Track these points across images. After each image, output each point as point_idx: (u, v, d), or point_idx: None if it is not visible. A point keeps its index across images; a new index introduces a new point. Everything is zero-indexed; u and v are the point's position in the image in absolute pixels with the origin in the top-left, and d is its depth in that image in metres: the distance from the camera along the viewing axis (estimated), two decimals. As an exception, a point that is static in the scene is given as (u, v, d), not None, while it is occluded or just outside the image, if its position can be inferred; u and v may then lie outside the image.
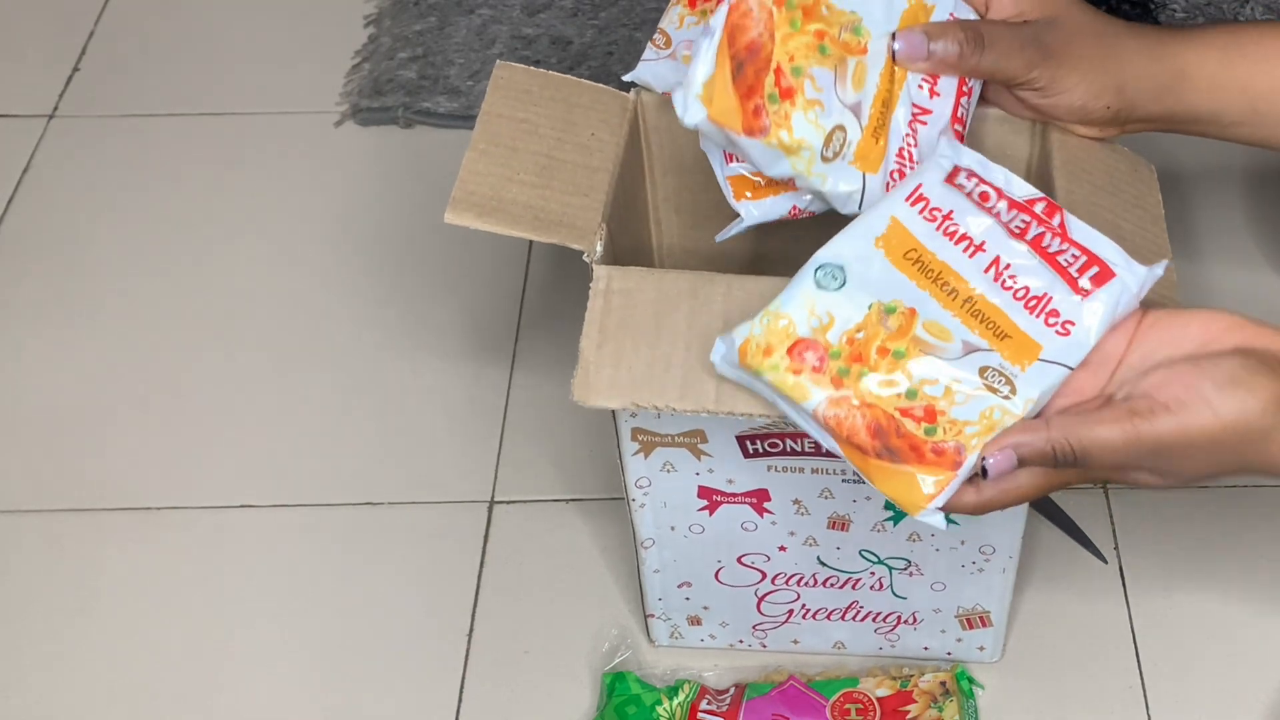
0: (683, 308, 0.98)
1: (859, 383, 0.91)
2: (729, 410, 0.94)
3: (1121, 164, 1.08)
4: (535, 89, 1.07)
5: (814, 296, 0.93)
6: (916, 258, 0.93)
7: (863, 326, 0.92)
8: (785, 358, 0.92)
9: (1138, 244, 1.00)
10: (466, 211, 0.99)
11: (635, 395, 0.95)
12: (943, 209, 0.94)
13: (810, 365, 0.91)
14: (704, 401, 0.95)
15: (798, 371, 0.91)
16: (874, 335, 0.91)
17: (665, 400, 0.94)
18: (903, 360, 0.91)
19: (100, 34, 1.86)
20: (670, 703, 1.20)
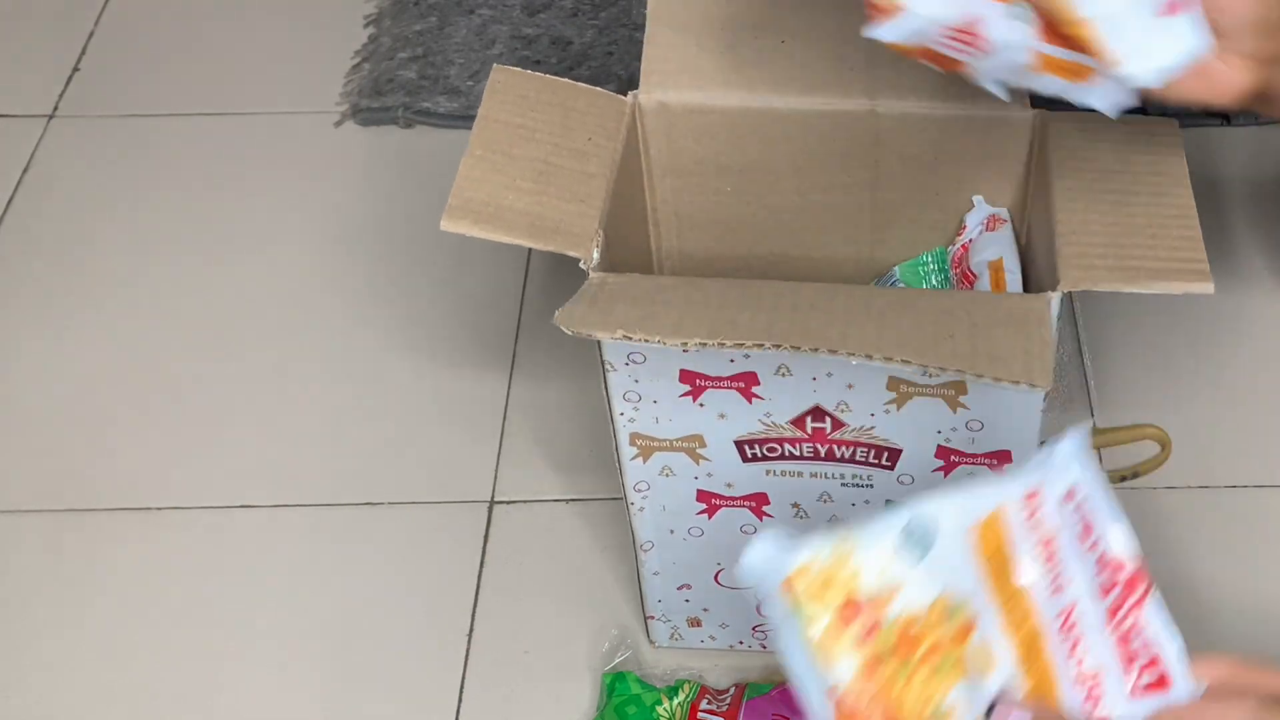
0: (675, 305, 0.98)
1: (894, 680, 0.78)
2: (720, 341, 0.92)
3: (1134, 133, 1.05)
4: (532, 93, 1.07)
5: (891, 555, 0.79)
6: (1002, 562, 0.82)
7: (923, 617, 0.79)
8: (835, 610, 0.78)
9: (1151, 215, 1.00)
10: (463, 219, 0.99)
11: (625, 329, 0.93)
12: (1049, 525, 0.84)
13: (855, 634, 0.78)
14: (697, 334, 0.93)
15: (838, 633, 0.78)
16: (929, 632, 0.79)
17: (657, 334, 0.93)
18: (942, 677, 0.79)
19: (100, 34, 1.86)
20: (670, 703, 1.21)
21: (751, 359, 0.98)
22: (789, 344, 0.90)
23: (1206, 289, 0.94)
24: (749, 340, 0.91)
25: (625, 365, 1.01)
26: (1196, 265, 0.96)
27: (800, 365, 0.98)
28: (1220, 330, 1.46)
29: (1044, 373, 0.89)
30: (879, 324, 0.92)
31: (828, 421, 1.02)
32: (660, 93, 1.10)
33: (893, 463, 1.05)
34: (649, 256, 1.20)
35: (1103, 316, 1.47)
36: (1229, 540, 1.31)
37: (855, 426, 1.02)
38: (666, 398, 1.03)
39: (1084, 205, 0.99)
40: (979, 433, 1.01)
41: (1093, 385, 1.42)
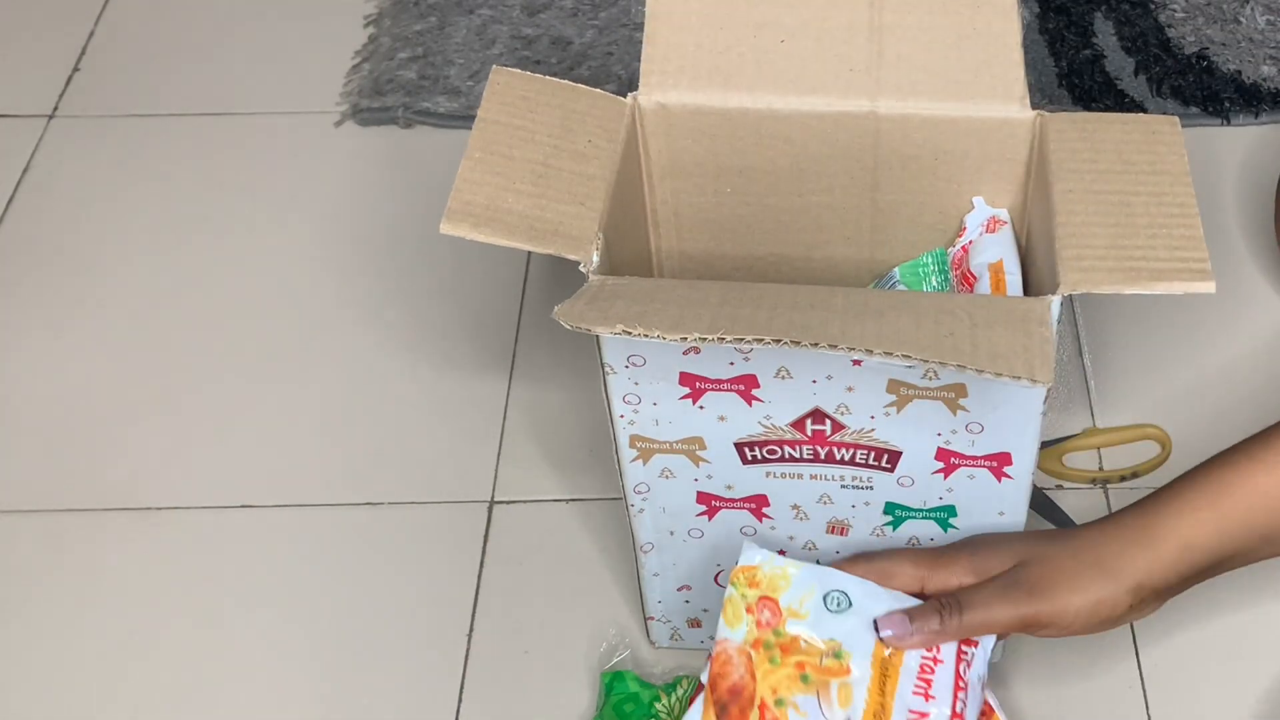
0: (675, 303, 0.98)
1: (765, 660, 1.03)
2: (719, 336, 0.91)
3: (1135, 132, 1.05)
4: (532, 95, 1.07)
5: (817, 597, 1.05)
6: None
7: (814, 643, 1.03)
8: (756, 598, 1.04)
9: (1153, 215, 0.99)
10: (462, 222, 0.99)
11: (624, 323, 0.93)
12: None
13: (758, 619, 1.04)
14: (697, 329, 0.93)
15: (750, 610, 1.04)
16: (812, 654, 1.03)
17: (657, 329, 0.92)
18: (803, 684, 1.02)
19: (100, 34, 1.86)
20: (669, 699, 1.21)
21: (751, 361, 0.98)
22: (789, 339, 0.90)
23: (1208, 288, 0.94)
24: (749, 335, 0.90)
25: (625, 368, 1.00)
26: (1198, 264, 0.95)
27: (800, 367, 0.98)
28: (1220, 330, 1.46)
29: (1045, 368, 0.89)
30: (879, 322, 0.92)
31: (828, 424, 1.02)
32: (660, 94, 1.10)
33: (893, 465, 1.05)
34: (649, 257, 1.19)
35: (1103, 317, 1.47)
36: (1229, 540, 1.31)
37: (855, 429, 1.02)
38: (666, 400, 1.02)
39: (1084, 206, 0.99)
40: (979, 435, 1.01)
41: (1093, 385, 1.42)
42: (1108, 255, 0.96)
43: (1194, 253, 0.96)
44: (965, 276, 1.15)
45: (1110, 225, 0.98)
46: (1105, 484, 1.35)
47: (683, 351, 0.99)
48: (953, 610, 1.03)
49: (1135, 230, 0.97)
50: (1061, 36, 1.72)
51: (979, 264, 1.13)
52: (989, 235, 1.14)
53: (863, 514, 1.10)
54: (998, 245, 1.13)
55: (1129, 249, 0.96)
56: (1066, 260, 0.96)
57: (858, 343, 0.89)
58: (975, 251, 1.14)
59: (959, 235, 1.16)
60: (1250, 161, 1.59)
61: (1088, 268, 0.96)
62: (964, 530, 1.10)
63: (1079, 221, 0.98)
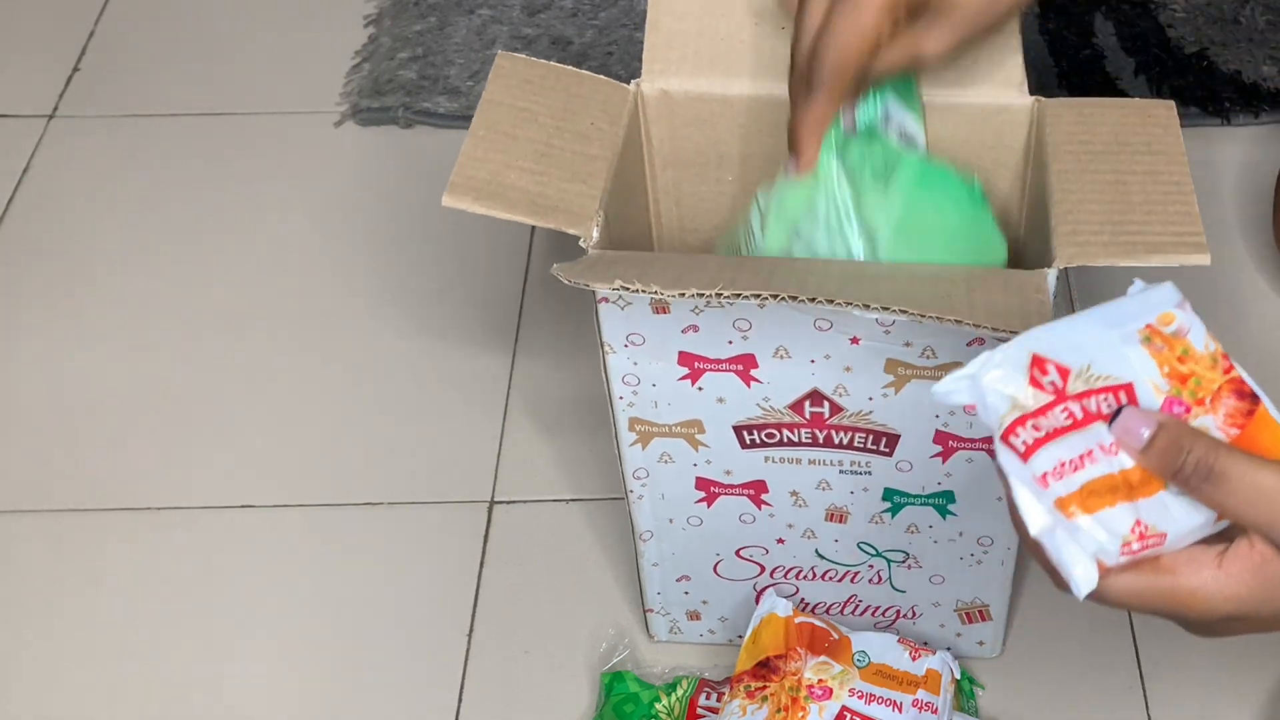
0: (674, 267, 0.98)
1: None
2: (717, 291, 0.91)
3: (1130, 115, 1.05)
4: (536, 79, 1.07)
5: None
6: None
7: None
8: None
9: (1149, 193, 0.99)
10: (465, 195, 0.99)
11: (623, 280, 0.93)
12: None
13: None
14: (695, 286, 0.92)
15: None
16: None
17: (655, 285, 0.92)
18: None
19: (100, 34, 1.86)
20: (669, 699, 1.20)
21: (750, 340, 0.98)
22: (787, 293, 0.90)
23: (1203, 260, 0.94)
24: (747, 290, 0.90)
25: (624, 347, 1.01)
26: (1193, 238, 0.96)
27: (798, 346, 0.99)
28: (1217, 329, 1.45)
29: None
30: (875, 285, 0.92)
31: (826, 405, 1.02)
32: (662, 81, 1.10)
33: (891, 448, 1.05)
34: (650, 244, 1.20)
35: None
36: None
37: (853, 411, 1.02)
38: (665, 381, 1.03)
39: (1080, 186, 0.99)
40: (977, 417, 1.01)
41: (1093, 383, 1.42)
42: (1103, 230, 0.96)
43: (1189, 227, 0.96)
44: None
45: (1106, 202, 0.98)
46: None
47: (681, 330, 0.99)
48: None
49: (1131, 207, 0.97)
50: (1061, 36, 1.72)
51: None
52: None
53: (861, 500, 1.10)
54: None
55: (1124, 224, 0.97)
56: (1062, 235, 0.96)
57: (855, 298, 0.89)
58: None
59: None
60: (1250, 161, 1.59)
61: (1083, 242, 0.96)
62: (963, 517, 1.10)
63: (1075, 199, 0.99)
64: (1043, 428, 0.81)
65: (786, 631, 1.14)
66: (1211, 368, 0.83)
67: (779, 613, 1.15)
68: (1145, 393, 0.82)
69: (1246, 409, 0.82)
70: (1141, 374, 0.82)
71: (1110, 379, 0.82)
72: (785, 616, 1.15)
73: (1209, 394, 0.82)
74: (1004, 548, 1.13)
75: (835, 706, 1.10)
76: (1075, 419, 0.81)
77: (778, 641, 1.14)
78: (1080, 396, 0.81)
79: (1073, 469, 0.81)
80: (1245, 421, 0.82)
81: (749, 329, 0.98)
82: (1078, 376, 0.81)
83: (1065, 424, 0.81)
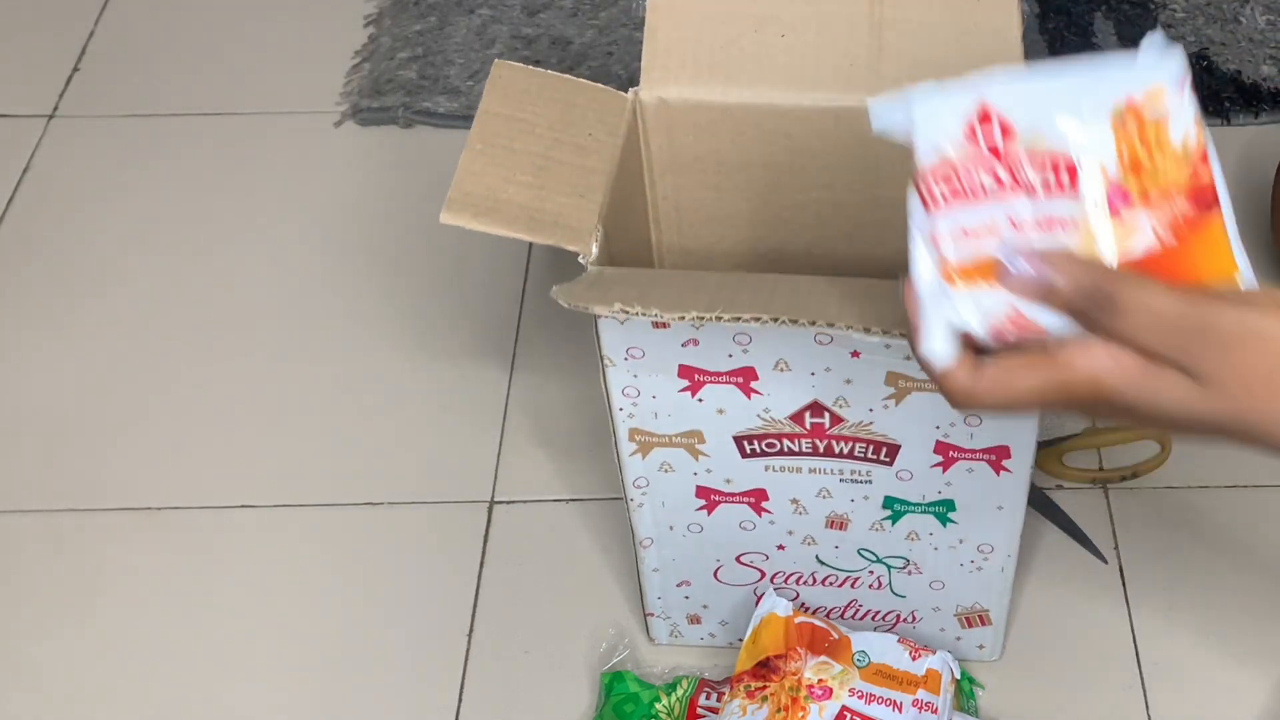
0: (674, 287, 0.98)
1: None
2: (718, 314, 0.91)
3: None
4: (533, 88, 1.07)
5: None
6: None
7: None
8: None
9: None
10: (462, 212, 0.99)
11: (623, 303, 0.93)
12: None
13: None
14: (695, 308, 0.92)
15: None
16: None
17: (655, 308, 0.92)
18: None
19: (100, 34, 1.86)
20: (669, 699, 1.21)
21: (750, 353, 0.98)
22: (786, 317, 0.90)
23: None
24: (747, 314, 0.90)
25: (624, 359, 1.01)
26: None
27: (798, 359, 0.98)
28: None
29: None
30: (877, 305, 0.92)
31: (826, 417, 1.02)
32: (661, 89, 1.10)
33: (891, 458, 1.05)
34: (649, 252, 1.19)
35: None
36: (1229, 540, 1.31)
37: (854, 422, 1.02)
38: (665, 393, 1.03)
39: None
40: (978, 428, 1.01)
41: (1093, 385, 1.42)
42: None
43: None
44: None
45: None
46: (1105, 484, 1.35)
47: (681, 343, 0.99)
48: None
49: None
50: (1061, 36, 1.72)
51: None
52: None
53: (861, 508, 1.10)
54: None
55: None
56: None
57: (856, 321, 0.89)
58: None
59: None
60: (1249, 161, 1.59)
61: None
62: (963, 525, 1.10)
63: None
64: (961, 185, 0.77)
65: (786, 631, 1.15)
66: (1179, 164, 0.77)
67: (779, 613, 1.15)
68: (1089, 174, 0.77)
69: (1195, 219, 0.77)
70: (1093, 152, 0.77)
71: (1055, 152, 0.77)
72: (785, 616, 1.15)
73: (1161, 191, 0.77)
74: (1004, 554, 1.13)
75: (835, 706, 1.10)
76: (999, 184, 0.77)
77: (778, 641, 1.14)
78: (1014, 162, 0.77)
79: (973, 237, 0.77)
80: (1188, 233, 0.77)
81: (749, 343, 0.98)
82: (1021, 139, 0.77)
83: (985, 187, 0.77)
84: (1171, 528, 1.32)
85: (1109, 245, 0.77)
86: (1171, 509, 1.33)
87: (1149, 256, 0.77)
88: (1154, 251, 0.77)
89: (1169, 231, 0.77)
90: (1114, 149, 0.77)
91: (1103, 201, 0.77)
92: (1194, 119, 0.77)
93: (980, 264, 0.77)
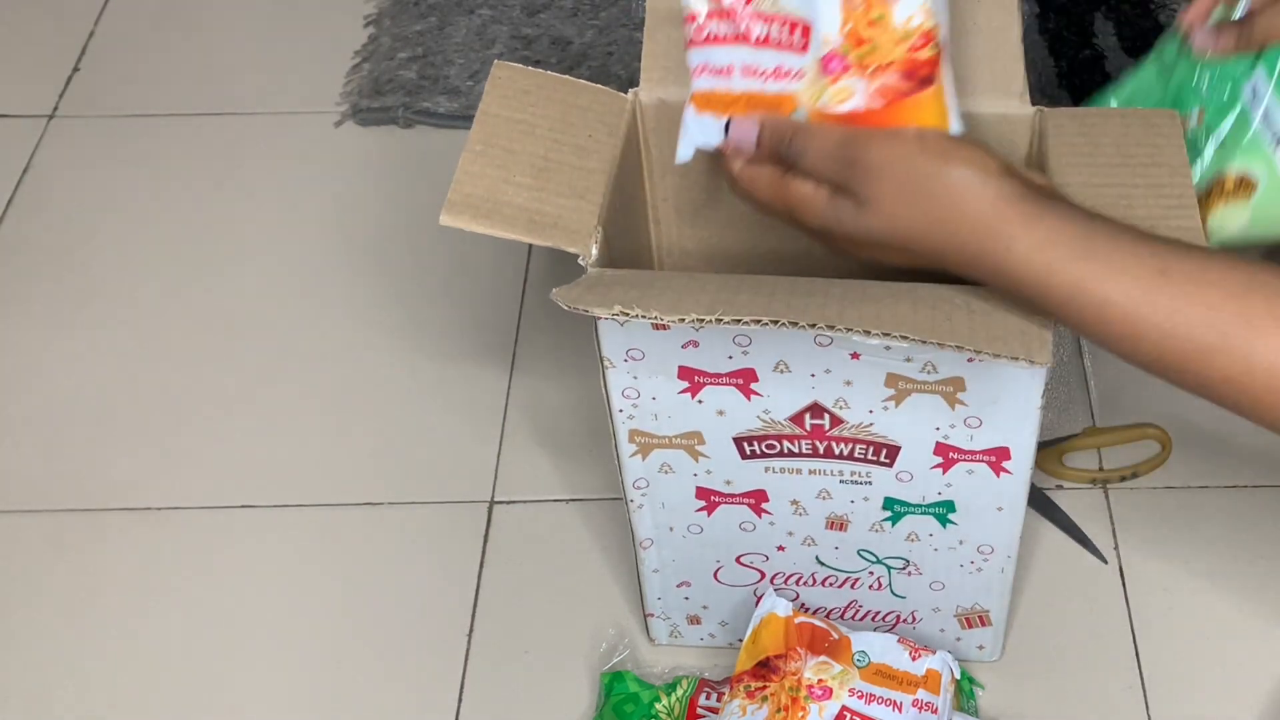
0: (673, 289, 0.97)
1: None
2: (718, 317, 0.91)
3: (1133, 125, 1.05)
4: (533, 89, 1.07)
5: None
6: None
7: None
8: None
9: (1151, 208, 0.99)
10: (462, 213, 0.99)
11: (623, 305, 0.93)
12: None
13: None
14: (695, 311, 0.92)
15: None
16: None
17: (655, 309, 0.92)
18: None
19: (100, 34, 1.86)
20: (668, 699, 1.21)
21: (750, 355, 0.98)
22: (786, 320, 0.90)
23: None
24: (746, 316, 0.90)
25: (624, 361, 1.01)
26: None
27: (798, 361, 0.98)
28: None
29: (1043, 350, 0.89)
30: (877, 306, 0.92)
31: (826, 418, 1.02)
32: (660, 89, 1.10)
33: (891, 459, 1.05)
34: (649, 252, 1.19)
35: (1103, 316, 1.47)
36: (1229, 540, 1.31)
37: (854, 423, 1.02)
38: (665, 394, 1.03)
39: (1082, 201, 0.99)
40: (978, 429, 1.01)
41: (1093, 385, 1.42)
42: None
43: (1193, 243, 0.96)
44: None
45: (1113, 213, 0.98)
46: (1105, 484, 1.35)
47: (681, 345, 0.99)
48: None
49: (1134, 223, 0.97)
50: (1061, 36, 1.72)
51: None
52: None
53: (861, 509, 1.10)
54: None
55: None
56: None
57: (855, 324, 0.89)
58: None
59: None
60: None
61: (1086, 261, 0.95)
62: (963, 526, 1.10)
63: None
64: (716, 32, 0.99)
65: (786, 631, 1.14)
66: (898, 42, 0.92)
67: (779, 613, 1.15)
68: (815, 40, 0.95)
69: (907, 90, 0.93)
70: (823, 22, 0.94)
71: (793, 15, 0.96)
72: (785, 616, 1.15)
73: (877, 63, 0.93)
74: (1004, 555, 1.13)
75: (835, 706, 1.10)
76: (739, 35, 0.98)
77: (777, 641, 1.14)
78: (759, 16, 0.97)
79: (712, 73, 1.00)
80: (896, 98, 0.93)
81: (749, 344, 0.98)
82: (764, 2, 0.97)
83: (730, 34, 0.98)
84: (1171, 528, 1.32)
85: (822, 99, 0.95)
86: (1171, 509, 1.33)
87: (853, 113, 0.94)
88: (858, 110, 0.94)
89: (878, 96, 0.93)
90: (840, 22, 0.93)
91: (820, 63, 0.95)
92: (923, 5, 0.92)
93: (713, 94, 1.01)
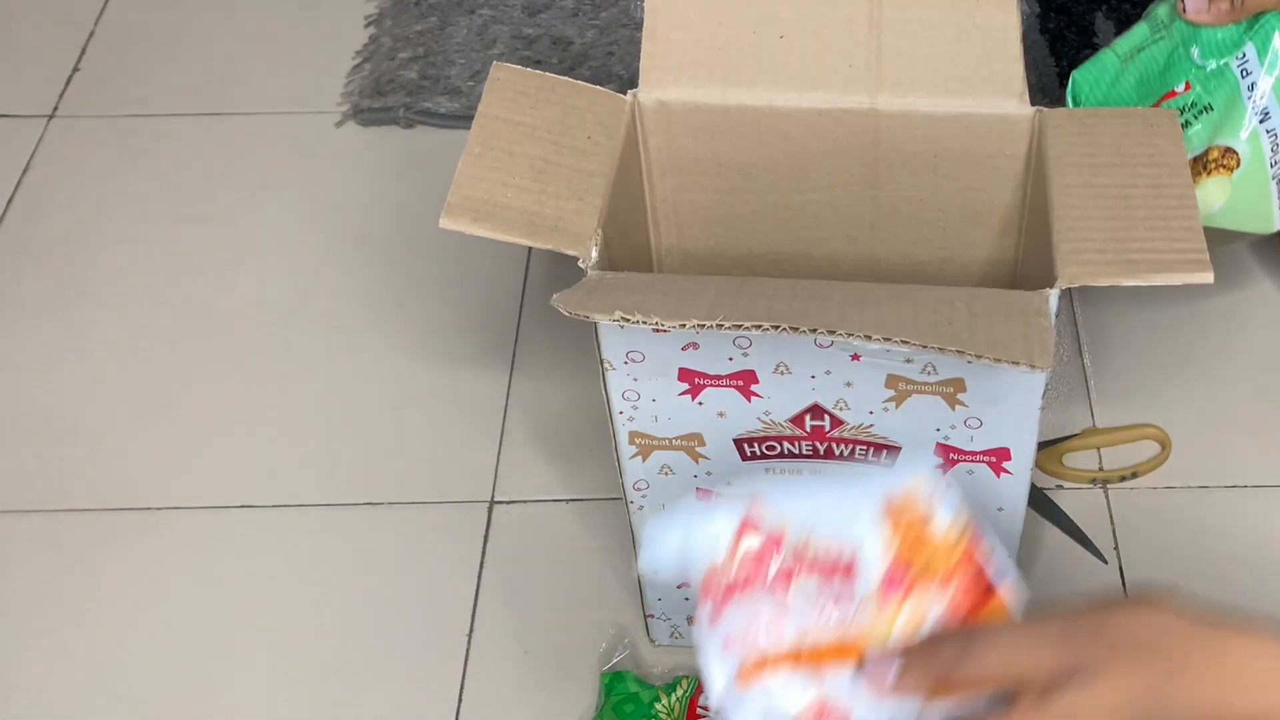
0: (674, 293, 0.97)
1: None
2: (718, 322, 0.91)
3: (1133, 125, 1.05)
4: (532, 90, 1.07)
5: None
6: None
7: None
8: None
9: (1151, 208, 0.99)
10: (462, 216, 0.99)
11: (623, 310, 0.92)
12: None
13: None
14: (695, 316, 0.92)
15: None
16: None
17: (655, 315, 0.92)
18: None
19: (100, 34, 1.86)
20: (668, 699, 1.21)
21: (750, 357, 0.98)
22: (787, 325, 0.90)
23: (1206, 278, 0.94)
24: (747, 321, 0.90)
25: (624, 363, 1.01)
26: (1196, 255, 0.95)
27: (799, 363, 0.98)
28: (1219, 330, 1.46)
29: (1044, 354, 0.89)
30: (878, 310, 0.92)
31: (826, 419, 1.02)
32: (660, 91, 1.10)
33: (892, 460, 1.05)
34: (649, 254, 1.19)
35: (1102, 316, 1.47)
36: (1229, 540, 1.31)
37: (854, 424, 1.02)
38: (665, 396, 1.03)
39: (1082, 200, 0.99)
40: (978, 430, 1.01)
41: (1092, 385, 1.42)
42: (1106, 248, 0.96)
43: (1192, 244, 0.96)
44: None
45: (1108, 218, 0.98)
46: (1105, 484, 1.35)
47: (681, 347, 0.99)
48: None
49: (1134, 223, 0.97)
50: (1062, 36, 1.72)
51: None
52: None
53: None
54: None
55: (1127, 241, 0.96)
56: (1065, 253, 0.96)
57: (856, 329, 0.89)
58: None
59: None
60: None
61: (1086, 260, 0.96)
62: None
63: (1077, 215, 0.98)
64: (736, 595, 0.84)
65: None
66: (944, 555, 0.83)
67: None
68: (864, 571, 0.83)
69: (975, 603, 0.83)
70: (866, 550, 0.83)
71: (828, 552, 0.84)
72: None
73: (935, 581, 0.83)
74: (1004, 556, 1.13)
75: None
76: (776, 588, 0.83)
77: None
78: (788, 565, 0.83)
79: (756, 638, 0.83)
80: (968, 612, 0.83)
81: (749, 346, 0.98)
82: (790, 545, 0.84)
83: (762, 591, 0.83)
84: (1171, 528, 1.32)
85: (896, 629, 0.83)
86: (1171, 509, 1.33)
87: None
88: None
89: (950, 612, 0.82)
90: (883, 546, 0.83)
91: (879, 593, 0.83)
92: (957, 507, 0.84)
93: (768, 658, 0.83)
